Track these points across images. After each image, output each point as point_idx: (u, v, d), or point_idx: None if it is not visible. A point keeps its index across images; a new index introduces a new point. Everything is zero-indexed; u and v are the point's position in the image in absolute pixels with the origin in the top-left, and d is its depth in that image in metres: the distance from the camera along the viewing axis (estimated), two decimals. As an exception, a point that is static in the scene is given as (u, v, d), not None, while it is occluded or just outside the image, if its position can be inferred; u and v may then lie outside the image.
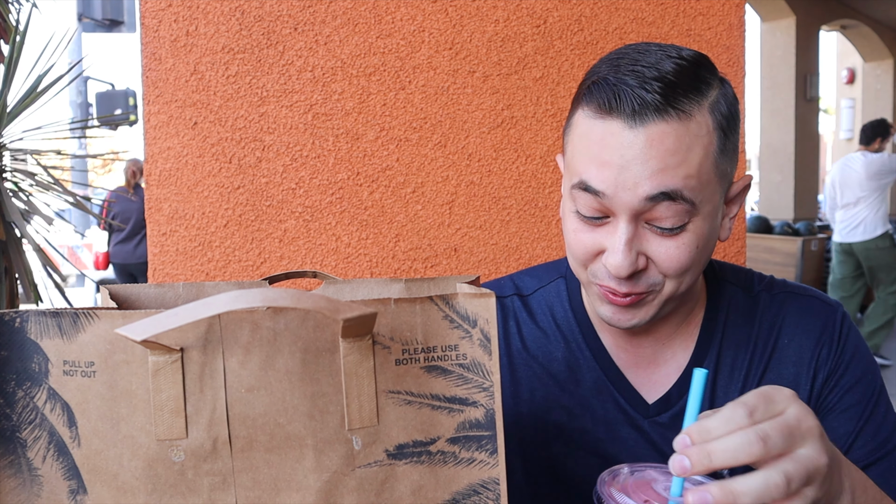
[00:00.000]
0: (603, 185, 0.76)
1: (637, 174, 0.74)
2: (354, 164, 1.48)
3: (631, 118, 0.74)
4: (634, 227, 0.77)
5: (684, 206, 0.75)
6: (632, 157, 0.74)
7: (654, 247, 0.78)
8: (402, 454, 0.56)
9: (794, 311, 0.93)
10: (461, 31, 1.48)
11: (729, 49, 1.54)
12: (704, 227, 0.79)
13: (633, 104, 0.74)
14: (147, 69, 1.45)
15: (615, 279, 0.79)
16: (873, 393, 0.89)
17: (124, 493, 0.53)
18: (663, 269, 0.79)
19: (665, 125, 0.74)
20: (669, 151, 0.74)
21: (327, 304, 0.49)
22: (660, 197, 0.74)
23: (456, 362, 0.57)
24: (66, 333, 0.53)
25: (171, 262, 1.47)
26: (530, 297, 0.99)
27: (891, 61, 10.69)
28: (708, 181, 0.77)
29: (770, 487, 0.56)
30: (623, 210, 0.76)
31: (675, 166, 0.74)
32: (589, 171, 0.77)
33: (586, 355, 0.93)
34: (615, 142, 0.75)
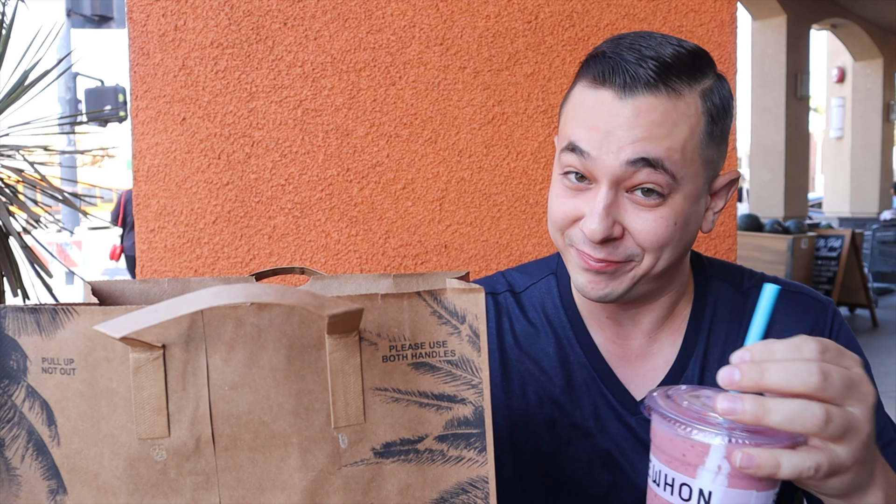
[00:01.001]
0: (588, 145, 0.79)
1: (621, 139, 0.77)
2: (344, 161, 1.46)
3: (622, 89, 0.77)
4: (614, 194, 0.79)
5: (665, 176, 0.77)
6: (618, 124, 0.77)
7: (632, 218, 0.80)
8: (390, 452, 0.55)
9: (785, 309, 0.93)
10: (452, 27, 1.47)
11: (720, 46, 1.53)
12: (685, 205, 0.80)
13: (626, 77, 0.77)
14: (135, 64, 1.43)
15: (590, 244, 0.81)
16: None
17: (105, 493, 0.52)
18: (640, 241, 0.80)
19: (654, 99, 0.76)
20: (655, 123, 0.76)
21: (312, 300, 0.48)
22: (640, 163, 0.76)
23: (444, 359, 0.56)
24: (44, 330, 0.51)
25: (160, 258, 1.45)
26: (522, 294, 1.00)
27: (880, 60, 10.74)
28: (692, 160, 0.79)
29: (805, 415, 0.54)
30: (605, 174, 0.78)
31: (660, 137, 0.76)
32: (577, 133, 0.80)
33: (576, 351, 0.94)
34: (604, 109, 0.78)
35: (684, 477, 0.58)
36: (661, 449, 0.60)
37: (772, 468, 0.54)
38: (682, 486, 0.58)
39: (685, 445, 0.58)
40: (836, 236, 7.20)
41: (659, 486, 0.60)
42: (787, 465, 0.54)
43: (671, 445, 0.59)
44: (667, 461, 0.60)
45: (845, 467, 0.57)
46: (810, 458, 0.55)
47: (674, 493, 0.59)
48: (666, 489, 0.60)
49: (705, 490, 0.57)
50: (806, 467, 0.55)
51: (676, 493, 0.59)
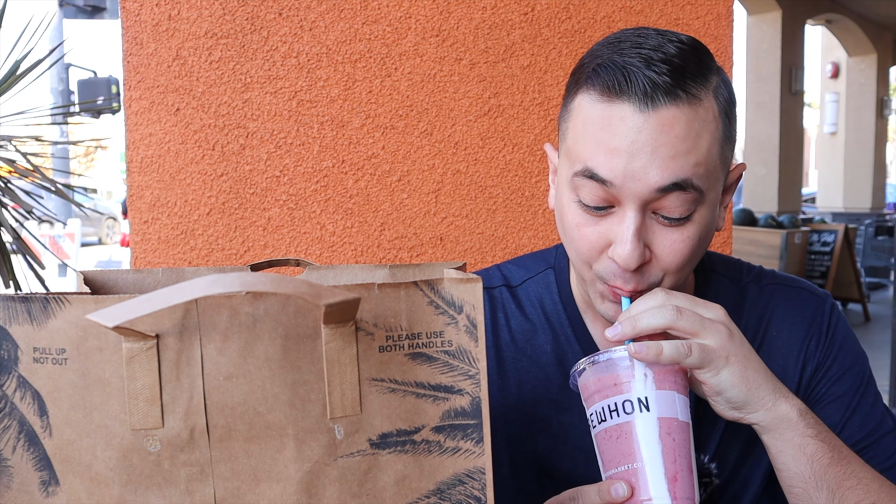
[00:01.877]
0: (611, 173, 0.73)
1: (647, 163, 0.71)
2: (339, 152, 1.46)
3: (642, 101, 0.71)
4: (642, 217, 0.75)
5: (693, 194, 0.74)
6: (642, 144, 0.71)
7: (660, 239, 0.76)
8: (386, 443, 0.55)
9: (783, 303, 0.93)
10: (448, 18, 1.46)
11: (717, 39, 1.53)
12: (708, 216, 0.78)
13: (645, 86, 0.71)
14: (128, 54, 1.42)
15: (622, 275, 0.77)
16: (861, 383, 0.90)
17: (98, 484, 0.51)
18: (665, 264, 0.77)
19: (676, 109, 0.72)
20: (680, 138, 0.72)
21: (309, 289, 0.48)
22: (671, 188, 0.72)
23: (441, 349, 0.55)
24: (35, 319, 0.51)
25: (154, 249, 1.44)
26: (518, 288, 0.97)
27: (875, 56, 10.76)
28: (714, 168, 0.76)
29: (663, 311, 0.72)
30: (632, 200, 0.74)
31: (686, 153, 0.72)
32: (595, 159, 0.74)
33: (575, 348, 0.92)
34: (624, 127, 0.72)
35: (623, 396, 0.71)
36: (596, 391, 0.73)
37: (656, 352, 0.69)
38: (623, 404, 0.70)
39: (614, 376, 0.71)
40: (829, 231, 7.23)
41: (605, 421, 0.72)
42: (667, 348, 0.69)
43: (604, 382, 0.72)
44: (603, 396, 0.72)
45: (718, 354, 0.72)
46: (683, 343, 0.71)
47: (619, 415, 0.71)
48: (612, 416, 0.71)
49: (642, 397, 0.70)
50: (682, 345, 0.70)
51: (622, 412, 0.70)
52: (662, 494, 0.68)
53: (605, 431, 0.72)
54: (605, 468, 0.73)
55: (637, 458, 0.69)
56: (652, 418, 0.69)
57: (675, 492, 0.68)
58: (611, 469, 0.71)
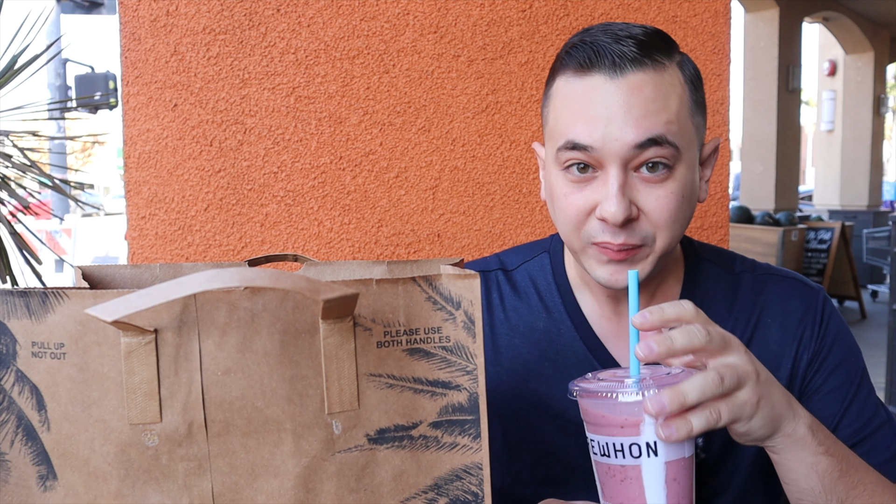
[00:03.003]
0: (591, 139, 0.79)
1: (622, 124, 0.78)
2: (337, 148, 1.46)
3: (612, 70, 0.78)
4: (624, 175, 0.79)
5: (670, 150, 0.79)
6: (616, 108, 0.78)
7: (644, 196, 0.80)
8: (384, 439, 0.55)
9: (777, 293, 0.94)
10: (446, 15, 1.46)
11: (714, 36, 1.53)
12: (688, 175, 0.83)
13: (613, 57, 0.78)
14: (126, 49, 1.41)
15: (610, 230, 0.81)
16: (856, 375, 0.91)
17: (96, 478, 0.52)
18: (654, 220, 0.81)
19: (643, 74, 0.78)
20: (650, 99, 0.78)
21: (307, 285, 0.48)
22: (647, 143, 0.78)
23: (439, 345, 0.56)
24: (34, 314, 0.51)
25: (151, 245, 1.44)
26: (514, 272, 1.00)
27: (872, 54, 10.76)
28: (686, 128, 0.82)
29: (709, 383, 0.65)
30: (613, 159, 0.79)
31: (656, 112, 0.78)
32: (575, 129, 0.80)
33: (567, 326, 0.94)
34: (598, 95, 0.79)
35: (630, 439, 0.67)
36: (599, 425, 0.69)
37: (680, 399, 0.64)
38: (631, 447, 0.67)
39: (622, 418, 0.67)
40: (825, 228, 7.25)
41: (608, 457, 0.69)
42: (692, 390, 0.65)
43: (609, 420, 0.68)
44: (608, 433, 0.68)
45: (748, 405, 0.69)
46: (712, 411, 0.66)
47: (625, 457, 0.68)
48: (617, 456, 0.68)
49: (651, 442, 0.67)
50: (711, 414, 0.66)
51: (628, 454, 0.67)
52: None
53: (607, 467, 0.70)
54: (604, 497, 0.72)
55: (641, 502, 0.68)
56: (659, 464, 0.68)
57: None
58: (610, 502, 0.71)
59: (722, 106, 1.55)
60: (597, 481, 0.73)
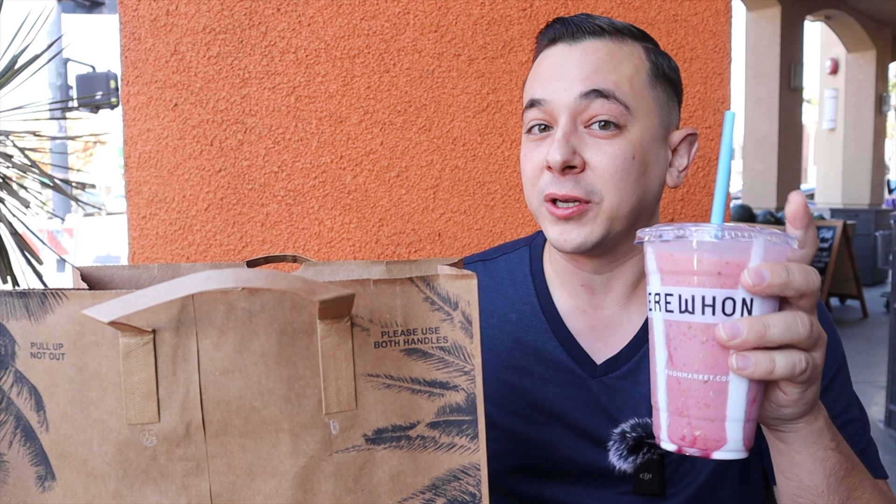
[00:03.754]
0: (543, 93, 0.86)
1: (573, 78, 0.84)
2: (338, 148, 1.46)
3: (571, 38, 0.87)
4: (572, 125, 0.84)
5: (618, 106, 0.83)
6: (569, 66, 0.85)
7: (591, 149, 0.84)
8: (381, 439, 0.55)
9: None
10: (447, 14, 1.46)
11: (715, 35, 1.53)
12: (642, 140, 0.85)
13: (575, 29, 0.87)
14: (126, 49, 1.42)
15: (557, 180, 0.84)
16: (833, 367, 0.92)
17: (94, 478, 0.52)
18: (599, 173, 0.83)
19: (599, 41, 0.86)
20: (601, 60, 0.85)
21: (303, 286, 0.48)
22: (592, 94, 0.83)
23: (436, 345, 0.56)
24: (33, 315, 0.51)
25: (151, 245, 1.45)
26: (491, 262, 1.04)
27: (874, 52, 10.75)
28: (640, 94, 0.85)
29: (797, 322, 0.58)
30: (561, 110, 0.84)
31: (606, 71, 0.84)
32: (535, 89, 0.88)
33: (539, 317, 0.97)
34: (556, 59, 0.87)
35: (725, 292, 0.58)
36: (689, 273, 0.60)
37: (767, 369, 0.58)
38: (724, 301, 0.59)
39: (721, 262, 0.58)
40: (827, 227, 7.23)
41: (692, 312, 0.60)
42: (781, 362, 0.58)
43: (707, 265, 0.59)
44: (701, 282, 0.59)
45: (818, 370, 0.63)
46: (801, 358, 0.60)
47: (715, 313, 0.59)
48: (705, 312, 0.59)
49: (748, 298, 0.58)
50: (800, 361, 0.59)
51: (719, 310, 0.59)
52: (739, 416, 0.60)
53: (687, 326, 0.60)
54: (672, 365, 0.62)
55: (725, 372, 0.60)
56: None
57: (750, 413, 0.61)
58: (681, 371, 0.61)
59: (723, 105, 1.55)
60: (661, 348, 0.63)
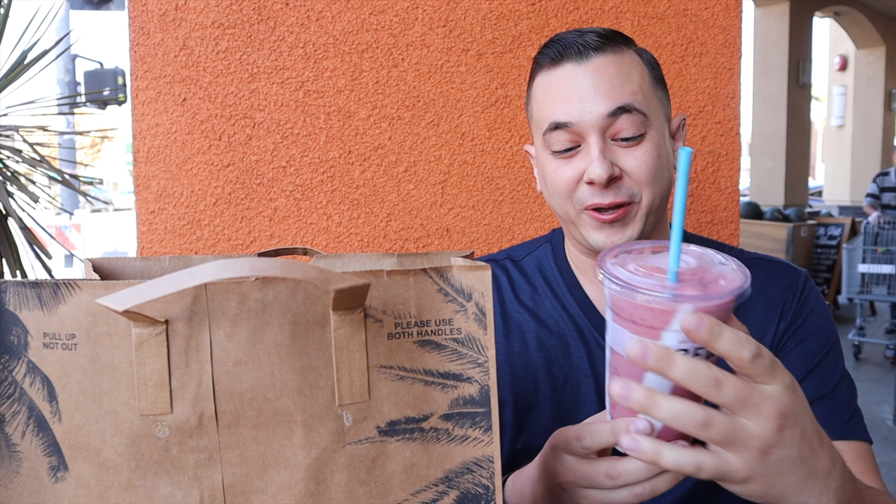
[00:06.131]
0: (569, 116, 0.91)
1: (593, 98, 0.90)
2: (346, 143, 1.45)
3: (578, 57, 0.92)
4: (603, 142, 0.90)
5: (639, 116, 0.90)
6: (585, 87, 0.90)
7: (623, 158, 0.91)
8: (394, 431, 0.55)
9: (763, 272, 1.01)
10: (455, 9, 1.46)
11: (725, 30, 1.52)
12: (659, 139, 0.93)
13: (578, 47, 0.92)
14: (135, 44, 1.41)
15: (599, 192, 0.91)
16: (825, 345, 0.97)
17: (106, 469, 0.51)
18: (636, 177, 0.91)
19: (605, 57, 0.91)
20: (613, 75, 0.91)
21: (318, 275, 0.47)
22: (618, 111, 0.89)
23: (450, 337, 0.55)
24: (46, 305, 0.51)
25: (160, 240, 1.45)
26: (522, 261, 1.11)
27: (883, 49, 10.68)
28: (650, 99, 0.93)
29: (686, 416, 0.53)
30: (591, 130, 0.90)
31: (621, 85, 0.91)
32: (555, 112, 0.92)
33: (571, 303, 1.04)
34: (569, 80, 0.92)
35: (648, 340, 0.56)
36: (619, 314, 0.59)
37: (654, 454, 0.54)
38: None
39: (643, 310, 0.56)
40: (835, 224, 7.20)
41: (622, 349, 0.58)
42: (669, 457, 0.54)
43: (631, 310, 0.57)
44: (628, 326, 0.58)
45: (740, 477, 0.55)
46: (694, 457, 0.55)
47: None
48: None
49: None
50: (688, 463, 0.54)
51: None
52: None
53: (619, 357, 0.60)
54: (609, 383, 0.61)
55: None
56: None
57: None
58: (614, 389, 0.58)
59: (733, 100, 1.54)
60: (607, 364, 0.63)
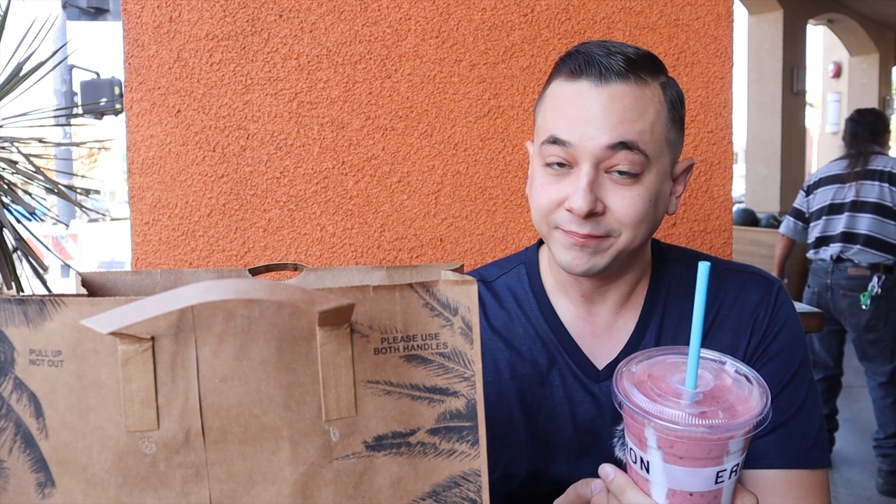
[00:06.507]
0: (570, 135, 0.86)
1: (599, 126, 0.85)
2: (340, 154, 1.46)
3: (598, 79, 0.86)
4: (595, 173, 0.86)
5: (640, 156, 0.85)
6: (596, 112, 0.85)
7: (612, 195, 0.87)
8: (381, 446, 0.55)
9: (735, 286, 1.01)
10: (448, 20, 1.46)
11: (717, 39, 1.53)
12: (656, 184, 0.89)
13: (601, 68, 0.86)
14: (129, 56, 1.42)
15: (577, 221, 0.87)
16: (792, 365, 0.96)
17: (94, 486, 0.51)
18: (619, 217, 0.87)
19: (625, 86, 0.86)
20: (627, 108, 0.85)
21: (302, 297, 0.48)
22: (619, 146, 0.85)
23: (436, 351, 0.55)
24: (31, 321, 0.51)
25: (154, 251, 1.45)
26: (494, 283, 1.07)
27: (877, 56, 10.73)
28: (659, 141, 0.88)
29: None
30: (586, 157, 0.86)
31: (632, 120, 0.85)
32: (559, 126, 0.88)
33: (545, 329, 1.00)
34: (582, 99, 0.87)
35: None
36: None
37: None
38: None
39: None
40: (831, 231, 7.18)
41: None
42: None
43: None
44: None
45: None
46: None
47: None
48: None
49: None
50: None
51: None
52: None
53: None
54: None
55: None
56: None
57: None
58: None
59: (725, 109, 1.54)
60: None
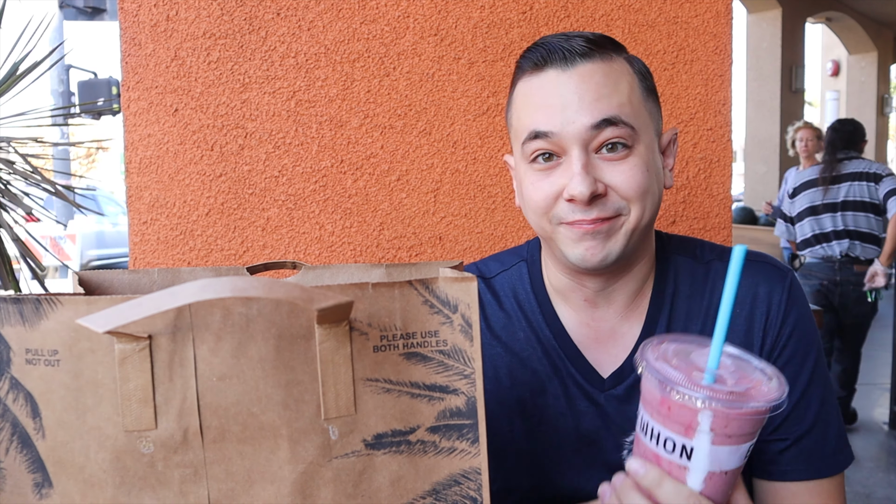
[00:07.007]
0: (550, 125, 0.84)
1: (577, 108, 0.83)
2: (338, 152, 1.45)
3: (563, 63, 0.84)
4: (586, 155, 0.84)
5: (626, 129, 0.83)
6: (570, 95, 0.83)
7: (608, 173, 0.84)
8: (381, 444, 0.54)
9: (747, 278, 0.96)
10: (446, 17, 1.46)
11: (716, 37, 1.52)
12: (648, 154, 0.86)
13: (564, 52, 0.84)
14: (126, 55, 1.41)
15: (581, 209, 0.84)
16: (806, 367, 0.92)
17: (91, 486, 0.51)
18: (623, 192, 0.84)
19: (592, 64, 0.84)
20: (600, 84, 0.84)
21: (301, 294, 0.47)
22: (602, 124, 0.82)
23: (436, 349, 0.55)
24: (28, 320, 0.50)
25: (152, 250, 1.44)
26: (493, 280, 1.03)
27: (875, 54, 10.74)
28: (640, 112, 0.86)
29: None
30: (573, 142, 0.83)
31: (608, 95, 0.83)
32: (536, 120, 0.85)
33: (546, 334, 0.96)
34: (552, 87, 0.85)
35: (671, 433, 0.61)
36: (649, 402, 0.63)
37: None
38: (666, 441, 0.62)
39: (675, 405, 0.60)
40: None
41: (646, 436, 0.63)
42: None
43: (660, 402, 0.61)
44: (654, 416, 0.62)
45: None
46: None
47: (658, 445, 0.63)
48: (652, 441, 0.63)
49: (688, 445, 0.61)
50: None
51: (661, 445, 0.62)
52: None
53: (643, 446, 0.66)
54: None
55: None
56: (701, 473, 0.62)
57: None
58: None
59: (724, 107, 1.54)
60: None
